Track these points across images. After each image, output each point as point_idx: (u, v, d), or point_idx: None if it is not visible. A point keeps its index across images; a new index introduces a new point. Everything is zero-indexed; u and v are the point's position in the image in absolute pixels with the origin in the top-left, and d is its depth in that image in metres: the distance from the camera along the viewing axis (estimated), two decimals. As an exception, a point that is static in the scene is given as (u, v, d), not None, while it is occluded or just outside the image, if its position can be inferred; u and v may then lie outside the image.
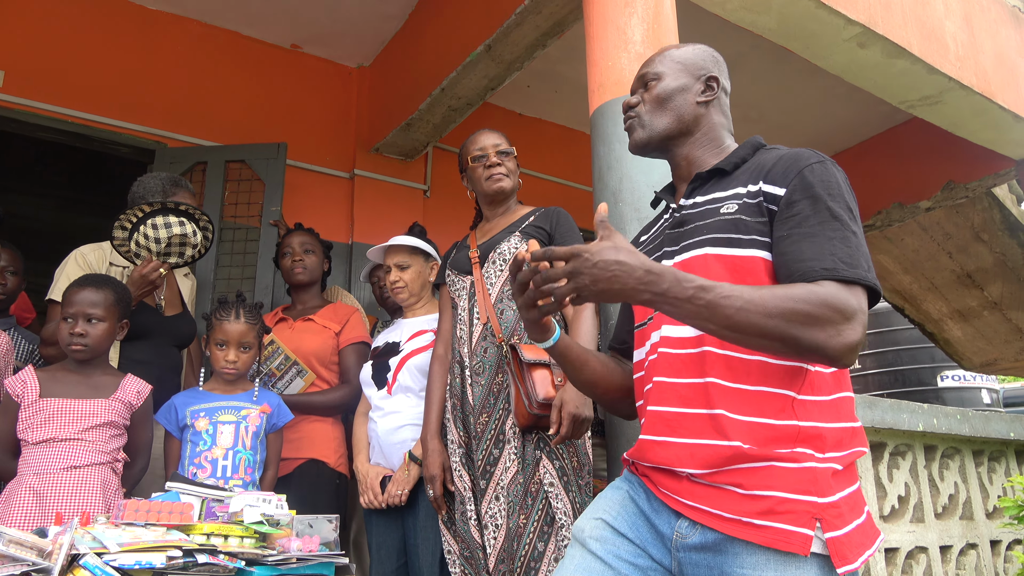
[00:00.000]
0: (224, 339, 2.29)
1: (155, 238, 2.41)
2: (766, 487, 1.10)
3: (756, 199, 1.23)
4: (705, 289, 1.08)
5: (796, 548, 1.06)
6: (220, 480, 2.13)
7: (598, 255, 1.09)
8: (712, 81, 1.43)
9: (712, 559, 1.13)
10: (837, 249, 1.12)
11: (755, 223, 1.21)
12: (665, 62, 1.44)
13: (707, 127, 1.42)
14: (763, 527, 1.09)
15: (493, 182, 2.21)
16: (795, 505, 1.09)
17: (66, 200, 5.72)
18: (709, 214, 1.27)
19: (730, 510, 1.12)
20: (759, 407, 1.15)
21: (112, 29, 3.90)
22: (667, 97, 1.41)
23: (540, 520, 1.89)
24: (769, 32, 3.13)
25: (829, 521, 1.08)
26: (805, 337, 1.06)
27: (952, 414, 2.82)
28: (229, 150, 3.88)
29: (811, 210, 1.16)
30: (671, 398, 1.23)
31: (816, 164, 1.21)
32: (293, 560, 1.65)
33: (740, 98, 4.93)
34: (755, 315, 1.06)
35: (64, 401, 2.00)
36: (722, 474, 1.14)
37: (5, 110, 3.55)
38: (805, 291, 1.08)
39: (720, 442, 1.14)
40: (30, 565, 1.39)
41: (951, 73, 3.47)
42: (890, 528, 2.54)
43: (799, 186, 1.19)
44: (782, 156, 1.26)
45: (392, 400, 2.33)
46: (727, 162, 1.34)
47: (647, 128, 1.42)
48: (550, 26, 3.20)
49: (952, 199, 4.97)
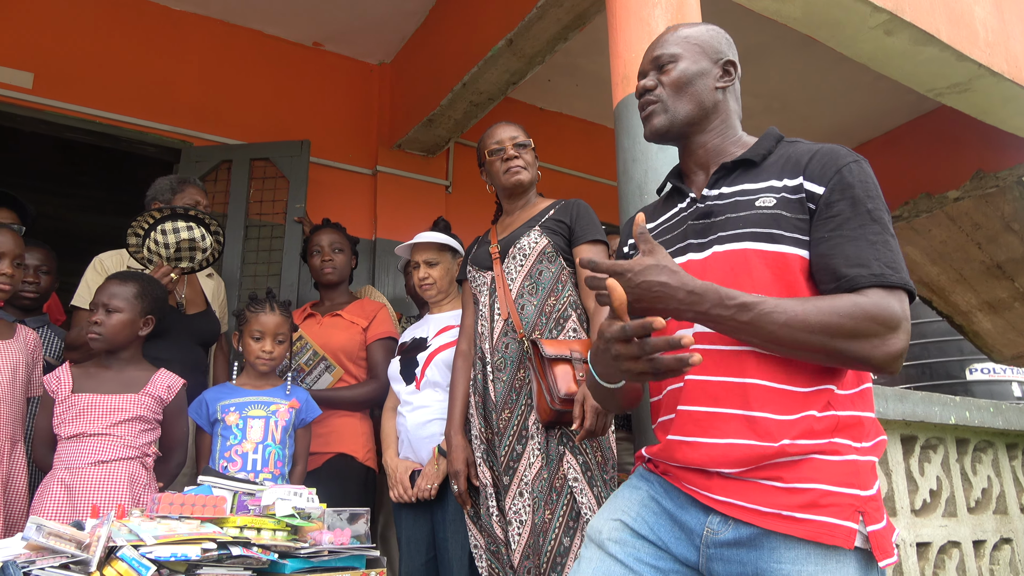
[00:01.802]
0: (261, 330, 2.33)
1: (164, 243, 2.46)
2: (808, 480, 1.09)
3: (798, 195, 1.20)
4: (747, 307, 1.07)
5: (840, 541, 1.05)
6: (250, 474, 2.16)
7: (641, 275, 1.08)
8: (730, 66, 1.39)
9: (746, 555, 1.11)
10: (881, 254, 1.11)
11: (795, 219, 1.19)
12: (681, 43, 1.37)
13: (724, 114, 1.38)
14: (805, 520, 1.07)
15: (511, 175, 2.20)
16: (839, 498, 1.07)
17: (94, 200, 5.81)
18: (741, 206, 1.24)
19: (768, 504, 1.10)
20: (801, 404, 1.13)
21: (137, 30, 3.95)
22: (688, 81, 1.34)
23: (565, 515, 1.89)
24: (794, 21, 3.09)
25: (871, 514, 1.07)
26: (850, 350, 1.07)
27: (985, 407, 2.78)
28: (253, 148, 3.92)
29: (852, 212, 1.15)
30: (701, 397, 1.20)
31: (854, 164, 1.19)
32: (325, 553, 1.67)
33: (764, 88, 4.90)
34: (799, 331, 1.06)
35: (94, 396, 2.04)
36: (758, 470, 1.12)
37: (34, 111, 3.61)
38: (849, 304, 1.07)
39: (757, 442, 1.12)
40: (69, 557, 1.42)
41: (981, 60, 3.40)
42: (922, 522, 2.50)
43: (838, 186, 1.17)
44: (818, 152, 1.23)
45: (420, 395, 2.34)
46: (754, 152, 1.30)
47: (670, 113, 1.35)
48: (572, 19, 3.18)
49: (982, 188, 4.88)
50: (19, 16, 3.66)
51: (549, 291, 2.08)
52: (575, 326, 2.06)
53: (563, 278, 2.11)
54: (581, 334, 2.06)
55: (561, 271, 2.11)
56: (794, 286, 1.17)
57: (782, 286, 1.17)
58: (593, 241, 2.11)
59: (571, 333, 2.04)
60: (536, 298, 2.07)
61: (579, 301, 2.11)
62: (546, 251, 2.11)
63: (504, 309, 2.10)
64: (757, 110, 5.00)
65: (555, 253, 2.11)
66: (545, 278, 2.09)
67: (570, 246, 2.14)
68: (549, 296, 2.07)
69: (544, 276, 2.09)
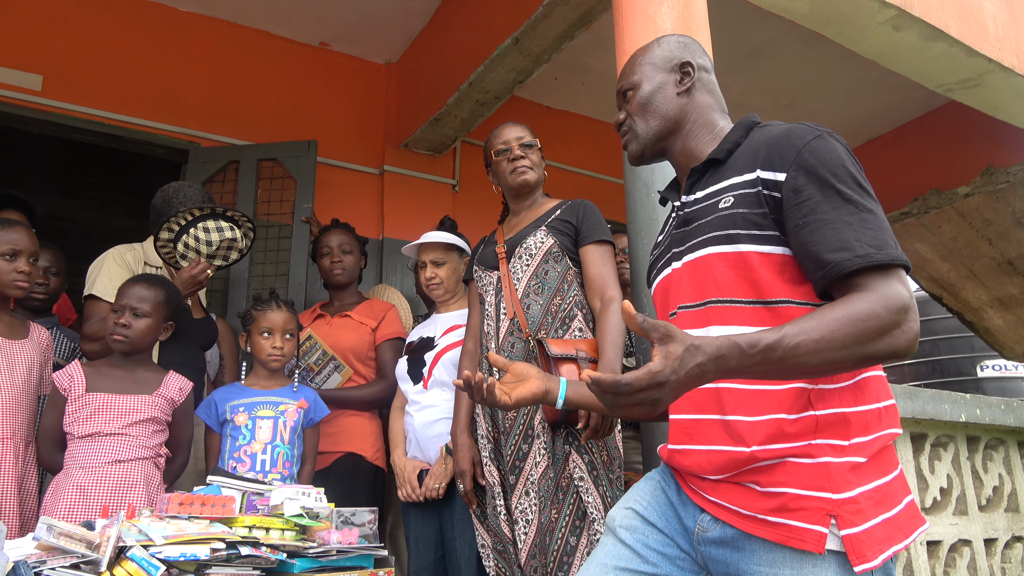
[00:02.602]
0: (269, 327, 2.35)
1: (206, 241, 2.51)
2: (780, 484, 1.09)
3: (754, 188, 1.17)
4: (773, 348, 1.01)
5: (810, 546, 1.04)
6: (259, 474, 2.17)
7: (682, 367, 0.97)
8: (685, 67, 1.38)
9: (729, 555, 1.13)
10: (860, 234, 1.07)
11: (751, 215, 1.16)
12: (637, 69, 1.41)
13: (695, 114, 1.37)
14: (777, 524, 1.07)
15: (517, 175, 2.20)
16: (808, 502, 1.06)
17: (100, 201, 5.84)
18: (709, 210, 1.23)
19: (746, 506, 1.11)
20: (773, 405, 1.12)
21: (145, 32, 3.96)
22: (647, 100, 1.38)
23: (572, 515, 1.89)
24: (801, 17, 3.07)
25: (846, 517, 1.05)
26: (880, 349, 1.03)
27: (996, 404, 2.76)
28: (261, 148, 3.93)
29: (820, 195, 1.10)
30: (685, 404, 1.22)
31: (813, 141, 1.13)
32: (333, 552, 1.67)
33: (772, 85, 4.88)
34: (831, 352, 1.01)
35: (109, 396, 2.04)
36: (741, 473, 1.13)
37: (43, 113, 3.63)
38: (864, 304, 1.03)
39: (734, 448, 1.13)
40: (79, 557, 1.43)
41: (991, 55, 3.37)
42: (932, 520, 2.49)
43: (801, 169, 1.12)
44: (773, 136, 1.19)
45: (428, 394, 2.34)
46: (719, 150, 1.29)
47: (639, 137, 1.39)
48: (578, 17, 3.18)
49: (992, 184, 4.85)
50: (28, 19, 3.69)
51: (555, 291, 2.08)
52: (581, 326, 2.06)
53: (569, 278, 2.10)
54: (587, 333, 2.06)
55: (567, 271, 2.11)
56: (759, 284, 1.15)
57: (747, 285, 1.15)
58: (599, 242, 2.11)
59: (577, 332, 2.04)
60: (542, 298, 2.07)
61: (585, 301, 2.11)
62: (552, 251, 2.11)
63: (510, 309, 2.10)
64: (765, 107, 4.98)
65: (561, 253, 2.11)
66: (551, 278, 2.09)
67: (576, 246, 2.13)
68: (555, 296, 2.07)
69: (550, 276, 2.09)
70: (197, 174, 3.80)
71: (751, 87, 4.74)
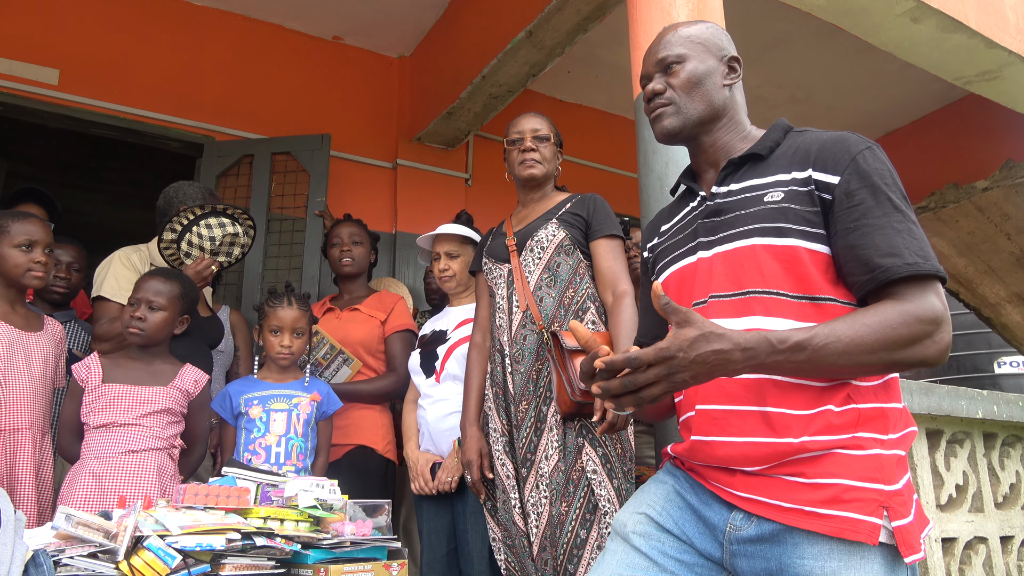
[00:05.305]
0: (278, 325, 2.35)
1: (209, 237, 2.52)
2: (830, 475, 1.08)
3: (807, 187, 1.19)
4: (802, 346, 1.04)
5: (864, 537, 1.04)
6: (273, 466, 2.18)
7: (693, 350, 1.00)
8: (734, 62, 1.38)
9: (769, 550, 1.11)
10: (908, 242, 1.10)
11: (804, 212, 1.18)
12: (684, 43, 1.36)
13: (733, 111, 1.37)
14: (828, 516, 1.06)
15: (524, 168, 2.19)
16: (862, 493, 1.06)
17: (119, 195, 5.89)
18: (751, 202, 1.23)
19: (790, 499, 1.09)
20: (817, 399, 1.12)
21: (160, 26, 3.99)
22: (698, 81, 1.33)
23: (582, 508, 1.89)
24: (818, 9, 3.04)
25: (896, 509, 1.06)
26: (909, 357, 1.06)
27: (1014, 401, 2.73)
28: (275, 142, 3.95)
29: (873, 200, 1.13)
30: (717, 395, 1.20)
31: (867, 151, 1.17)
32: (347, 544, 1.68)
33: (788, 78, 4.84)
34: (858, 355, 1.05)
35: (124, 387, 2.06)
36: (780, 466, 1.11)
37: (60, 107, 3.66)
38: (897, 313, 1.06)
39: (775, 439, 1.12)
40: (97, 546, 1.44)
41: (1011, 47, 3.33)
42: (948, 518, 2.47)
43: (855, 175, 1.15)
44: (827, 141, 1.21)
45: (440, 388, 2.35)
46: (761, 146, 1.29)
47: (682, 115, 1.34)
48: (591, 10, 3.16)
49: (1011, 178, 4.79)
50: (44, 14, 3.72)
51: (567, 283, 2.07)
52: (594, 318, 2.06)
53: (581, 271, 2.10)
54: (600, 326, 2.05)
55: (579, 264, 2.10)
56: (807, 279, 1.16)
57: (793, 279, 1.16)
58: (610, 236, 2.10)
59: (590, 325, 2.04)
60: (555, 290, 2.07)
61: (597, 293, 2.10)
62: (564, 244, 2.10)
63: (523, 301, 2.10)
64: (781, 100, 4.93)
65: (572, 246, 2.11)
66: (563, 270, 2.09)
67: (587, 240, 2.13)
68: (567, 288, 2.07)
69: (562, 269, 2.09)
70: (212, 168, 3.82)
71: (767, 80, 4.69)
